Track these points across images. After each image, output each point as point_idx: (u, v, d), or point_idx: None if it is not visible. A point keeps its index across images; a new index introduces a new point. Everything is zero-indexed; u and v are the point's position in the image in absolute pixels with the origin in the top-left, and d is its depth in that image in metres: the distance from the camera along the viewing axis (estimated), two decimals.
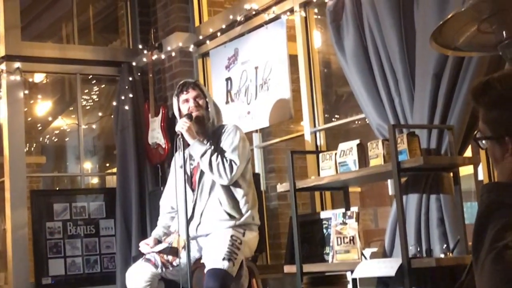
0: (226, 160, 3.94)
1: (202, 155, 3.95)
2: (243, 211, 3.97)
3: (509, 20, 2.41)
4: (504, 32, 2.42)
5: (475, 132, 1.65)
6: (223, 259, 3.75)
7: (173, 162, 4.19)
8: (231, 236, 3.87)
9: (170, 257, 4.01)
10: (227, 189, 3.98)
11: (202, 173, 4.05)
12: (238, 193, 4.00)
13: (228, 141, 4.02)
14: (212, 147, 3.99)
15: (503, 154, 1.55)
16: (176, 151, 4.04)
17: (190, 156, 4.10)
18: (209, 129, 4.09)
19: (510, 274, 1.35)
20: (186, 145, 4.06)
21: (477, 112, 1.62)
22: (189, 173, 4.11)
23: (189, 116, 4.06)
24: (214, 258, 3.79)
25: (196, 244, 4.02)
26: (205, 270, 3.78)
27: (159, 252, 4.01)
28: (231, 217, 3.94)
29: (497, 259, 1.38)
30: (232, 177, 3.94)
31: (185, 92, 4.12)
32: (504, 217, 1.42)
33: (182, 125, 4.00)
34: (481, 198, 1.52)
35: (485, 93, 1.56)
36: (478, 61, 3.33)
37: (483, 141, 1.61)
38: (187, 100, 4.11)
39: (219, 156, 3.94)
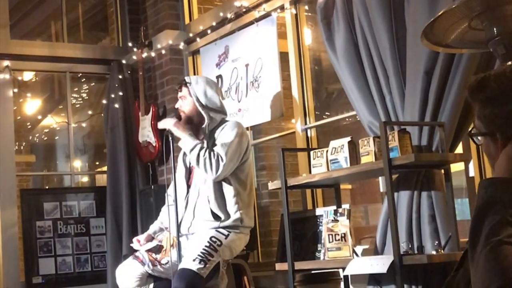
0: (214, 155, 3.89)
1: (192, 150, 3.93)
2: (232, 212, 3.93)
3: (499, 17, 2.42)
4: (494, 29, 2.42)
5: (471, 128, 1.67)
6: (194, 259, 3.75)
7: (181, 154, 4.16)
8: (211, 238, 3.85)
9: (158, 256, 4.02)
10: (217, 187, 3.95)
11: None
12: (228, 192, 3.96)
13: (221, 137, 3.98)
14: (204, 142, 3.96)
15: (497, 151, 1.57)
16: (166, 149, 4.04)
17: None
18: (206, 127, 4.04)
19: (503, 269, 1.36)
20: (176, 141, 4.05)
21: (472, 108, 1.64)
22: (188, 167, 4.11)
23: (177, 116, 4.06)
24: (187, 258, 3.79)
25: (186, 242, 4.02)
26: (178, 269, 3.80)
27: (148, 250, 4.04)
28: (216, 217, 3.91)
29: (491, 254, 1.39)
30: (219, 173, 3.88)
31: (179, 90, 4.13)
32: (500, 213, 1.43)
33: (168, 121, 4.00)
34: (478, 194, 1.52)
35: (480, 90, 1.58)
36: (469, 58, 3.33)
37: (478, 137, 1.62)
38: (180, 98, 4.13)
39: (207, 151, 3.90)
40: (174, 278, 3.75)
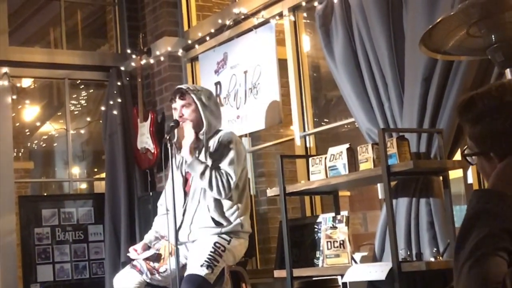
0: (223, 175, 3.89)
1: (202, 174, 3.91)
2: (232, 218, 3.94)
3: (498, 24, 2.42)
4: (493, 36, 2.43)
5: (464, 148, 1.67)
6: (202, 265, 3.75)
7: (173, 163, 4.15)
8: (215, 243, 3.85)
9: (156, 264, 4.01)
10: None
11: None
12: (228, 199, 3.96)
13: (225, 154, 3.97)
14: (210, 163, 3.95)
15: (491, 169, 1.57)
16: (165, 156, 4.03)
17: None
18: (204, 135, 4.03)
19: (485, 279, 1.37)
20: (177, 149, 4.05)
21: (464, 127, 1.64)
22: (184, 175, 4.10)
23: (175, 122, 4.04)
24: (194, 264, 3.79)
25: (185, 250, 4.01)
26: (184, 275, 3.79)
27: (146, 259, 4.02)
28: (218, 224, 3.91)
29: (474, 267, 1.39)
30: (229, 193, 3.91)
31: (173, 102, 4.11)
32: (488, 226, 1.43)
33: (185, 151, 3.96)
34: (470, 203, 1.53)
35: (468, 110, 1.59)
36: (467, 65, 3.34)
37: (472, 157, 1.63)
38: (175, 109, 4.11)
39: (215, 172, 3.90)
40: (182, 283, 3.74)
